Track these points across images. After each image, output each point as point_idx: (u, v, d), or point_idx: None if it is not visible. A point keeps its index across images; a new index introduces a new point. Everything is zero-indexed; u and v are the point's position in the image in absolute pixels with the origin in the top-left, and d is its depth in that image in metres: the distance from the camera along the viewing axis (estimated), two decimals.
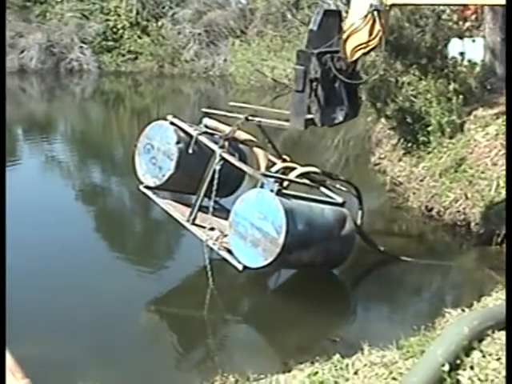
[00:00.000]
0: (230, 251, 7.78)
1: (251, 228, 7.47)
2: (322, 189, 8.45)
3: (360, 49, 7.69)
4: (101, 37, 29.62)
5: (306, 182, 8.39)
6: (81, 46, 29.35)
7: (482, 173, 10.28)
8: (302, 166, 8.51)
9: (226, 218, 7.94)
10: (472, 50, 14.39)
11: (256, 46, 25.40)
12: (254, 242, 7.43)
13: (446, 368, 4.47)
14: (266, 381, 5.48)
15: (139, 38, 29.55)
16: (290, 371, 5.60)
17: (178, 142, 8.61)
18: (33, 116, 22.71)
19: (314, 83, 7.60)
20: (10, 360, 5.26)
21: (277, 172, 8.30)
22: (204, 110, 9.20)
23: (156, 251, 9.32)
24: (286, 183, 8.04)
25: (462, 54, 13.39)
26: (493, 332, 5.01)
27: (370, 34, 7.54)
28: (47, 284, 8.25)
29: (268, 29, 26.07)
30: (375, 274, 8.81)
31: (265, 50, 24.37)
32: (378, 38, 7.56)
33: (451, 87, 12.21)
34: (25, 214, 10.56)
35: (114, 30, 29.75)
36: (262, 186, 7.64)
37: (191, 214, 8.33)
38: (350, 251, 8.29)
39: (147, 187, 8.93)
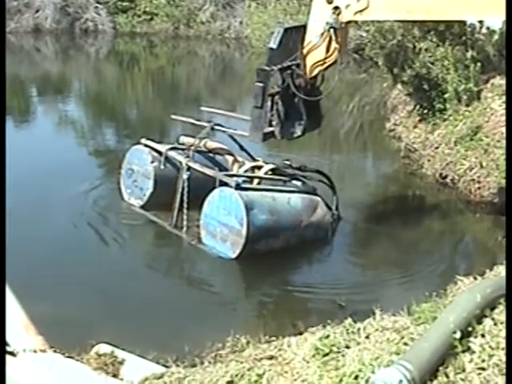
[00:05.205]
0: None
1: (219, 225, 7.93)
2: (294, 182, 8.69)
3: (318, 66, 7.78)
4: None
5: (276, 177, 8.68)
6: (96, 6, 29.06)
7: (498, 141, 10.21)
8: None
9: None
10: None
11: (272, 9, 25.16)
12: (223, 238, 7.89)
13: (458, 335, 4.47)
14: (277, 343, 5.50)
15: None
16: (301, 334, 5.62)
17: (152, 162, 9.11)
18: (47, 76, 22.64)
19: (276, 97, 7.77)
20: (23, 317, 5.33)
21: (246, 172, 8.65)
22: (173, 116, 9.91)
23: None
24: (256, 181, 8.43)
25: (480, 21, 13.20)
26: (505, 300, 4.99)
27: (327, 51, 7.63)
28: (59, 243, 8.35)
29: None
30: (387, 239, 8.80)
31: (281, 13, 24.12)
32: (334, 56, 7.67)
33: (469, 54, 12.09)
34: (37, 173, 10.61)
35: None
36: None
37: (172, 219, 8.72)
38: (326, 236, 8.69)
39: None
